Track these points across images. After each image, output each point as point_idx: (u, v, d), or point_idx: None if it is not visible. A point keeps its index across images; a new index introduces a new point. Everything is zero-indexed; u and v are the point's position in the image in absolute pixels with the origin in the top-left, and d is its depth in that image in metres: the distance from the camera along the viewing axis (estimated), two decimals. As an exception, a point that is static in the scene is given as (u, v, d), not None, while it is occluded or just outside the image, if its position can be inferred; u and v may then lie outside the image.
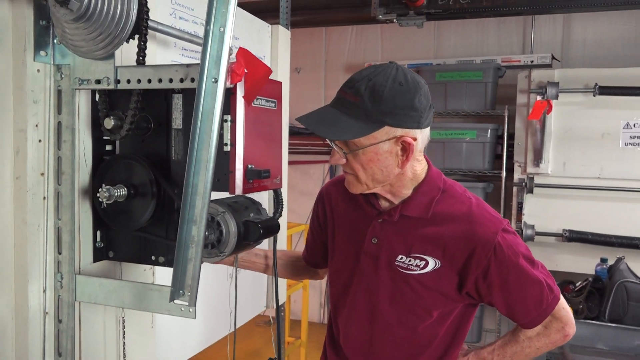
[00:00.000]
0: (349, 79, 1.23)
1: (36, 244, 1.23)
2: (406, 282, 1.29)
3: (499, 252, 1.23)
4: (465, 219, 1.26)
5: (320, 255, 1.59)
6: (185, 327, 1.91)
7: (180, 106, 1.28)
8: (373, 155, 1.21)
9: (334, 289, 1.46)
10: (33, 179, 1.22)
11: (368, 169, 1.23)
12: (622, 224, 3.52)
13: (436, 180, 1.31)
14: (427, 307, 1.30)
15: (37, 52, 1.20)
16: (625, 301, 2.44)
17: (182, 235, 1.11)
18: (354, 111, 1.19)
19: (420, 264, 1.27)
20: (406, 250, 1.29)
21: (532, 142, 3.72)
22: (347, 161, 1.25)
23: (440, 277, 1.27)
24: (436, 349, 1.35)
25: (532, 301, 1.27)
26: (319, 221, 1.54)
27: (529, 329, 1.32)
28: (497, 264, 1.23)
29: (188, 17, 1.83)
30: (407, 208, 1.29)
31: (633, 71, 3.56)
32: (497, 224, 1.26)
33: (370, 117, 1.18)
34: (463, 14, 3.08)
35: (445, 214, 1.28)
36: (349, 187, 1.30)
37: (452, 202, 1.29)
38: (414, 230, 1.29)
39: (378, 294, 1.33)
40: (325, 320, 5.25)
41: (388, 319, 1.33)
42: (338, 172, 5.10)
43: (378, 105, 1.17)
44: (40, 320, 1.25)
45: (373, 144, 1.20)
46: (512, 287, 1.25)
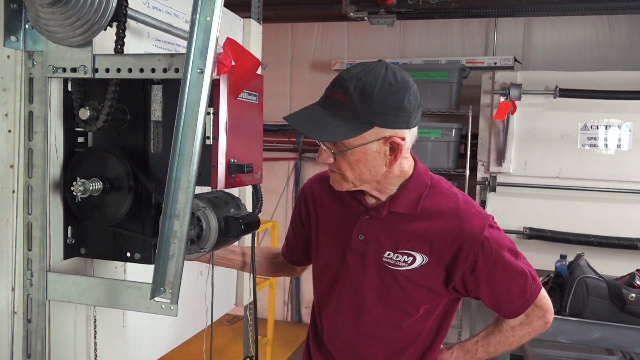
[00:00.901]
0: (338, 77, 1.21)
1: (5, 240, 1.17)
2: (394, 278, 1.29)
3: (486, 247, 1.24)
4: (452, 214, 1.27)
5: (301, 252, 1.57)
6: (155, 326, 1.86)
7: (160, 97, 1.24)
8: (361, 155, 1.20)
9: (318, 287, 1.45)
10: (2, 171, 1.15)
11: (356, 169, 1.22)
12: (580, 222, 3.65)
13: (423, 177, 1.31)
14: (414, 302, 1.30)
15: (7, 37, 1.14)
16: (585, 296, 2.52)
17: (164, 231, 1.08)
18: (343, 112, 1.17)
19: (408, 260, 1.27)
20: (394, 247, 1.29)
21: (495, 142, 3.81)
22: (335, 161, 1.24)
23: (428, 272, 1.27)
24: (421, 344, 1.35)
25: (517, 292, 1.29)
26: (301, 218, 1.52)
27: (512, 318, 1.34)
28: (484, 258, 1.24)
29: (162, 7, 1.78)
30: (396, 204, 1.29)
31: (591, 75, 3.69)
32: (484, 219, 1.28)
33: (360, 118, 1.16)
34: (432, 14, 3.12)
35: (432, 209, 1.28)
36: (335, 185, 1.28)
37: (439, 198, 1.30)
38: (401, 226, 1.29)
39: (365, 291, 1.32)
40: (288, 318, 5.23)
41: (374, 315, 1.33)
42: (303, 169, 5.09)
43: (368, 106, 1.16)
44: (8, 320, 1.18)
45: (362, 145, 1.19)
46: (498, 279, 1.27)
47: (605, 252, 3.53)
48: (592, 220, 3.65)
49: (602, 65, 4.19)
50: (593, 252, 3.41)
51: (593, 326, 2.49)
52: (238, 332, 4.60)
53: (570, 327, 2.53)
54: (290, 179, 5.13)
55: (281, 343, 4.60)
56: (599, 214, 3.66)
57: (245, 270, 1.60)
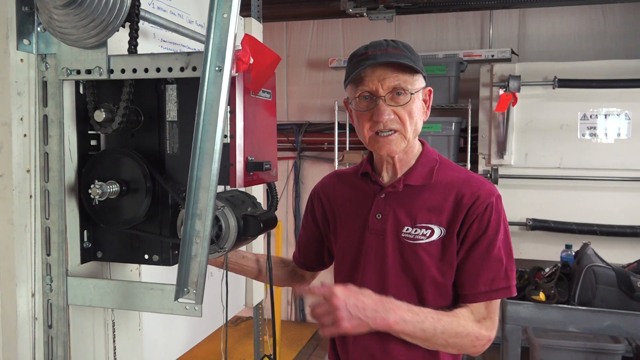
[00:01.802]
0: (372, 44, 1.31)
1: (23, 245, 1.15)
2: (414, 252, 1.31)
3: (487, 212, 1.28)
4: (465, 183, 1.32)
5: (314, 255, 1.57)
6: (169, 329, 1.85)
7: (175, 97, 1.23)
8: (417, 102, 1.31)
9: (340, 276, 1.44)
10: (19, 176, 1.14)
11: (413, 118, 1.30)
12: (582, 212, 3.67)
13: (432, 153, 1.39)
14: (434, 276, 1.31)
15: (20, 40, 1.13)
16: (594, 284, 2.53)
17: (187, 231, 1.07)
18: (404, 59, 1.27)
19: (426, 233, 1.30)
20: (411, 222, 1.32)
21: (495, 135, 3.82)
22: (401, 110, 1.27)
23: (445, 244, 1.30)
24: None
25: (486, 275, 1.27)
26: (315, 218, 1.53)
27: (467, 303, 1.29)
28: (480, 221, 1.27)
29: (166, 8, 1.77)
30: (410, 177, 1.34)
31: (589, 64, 3.71)
32: (494, 190, 1.33)
33: (415, 64, 1.28)
34: (430, 8, 3.12)
35: (445, 181, 1.33)
36: (394, 147, 1.30)
37: (450, 171, 1.37)
38: (417, 200, 1.33)
39: (387, 269, 1.33)
40: (292, 317, 5.22)
41: (399, 292, 1.32)
42: (302, 168, 5.08)
43: (414, 56, 1.30)
44: (29, 326, 1.17)
45: (419, 90, 1.30)
46: (477, 250, 1.28)
47: (609, 241, 3.55)
48: (595, 209, 3.67)
49: (597, 55, 4.21)
50: (597, 241, 3.42)
51: (603, 314, 2.50)
52: (243, 334, 4.60)
53: (580, 316, 2.54)
54: (290, 178, 5.12)
55: (287, 343, 4.60)
56: (601, 203, 3.69)
57: (260, 279, 1.58)
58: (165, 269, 1.35)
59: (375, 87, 1.27)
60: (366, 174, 1.41)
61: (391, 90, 1.27)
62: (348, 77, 1.32)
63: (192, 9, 1.92)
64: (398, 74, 1.26)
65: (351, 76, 1.30)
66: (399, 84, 1.26)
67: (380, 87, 1.26)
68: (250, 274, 1.58)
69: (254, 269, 1.57)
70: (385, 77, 1.26)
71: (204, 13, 1.99)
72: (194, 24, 1.94)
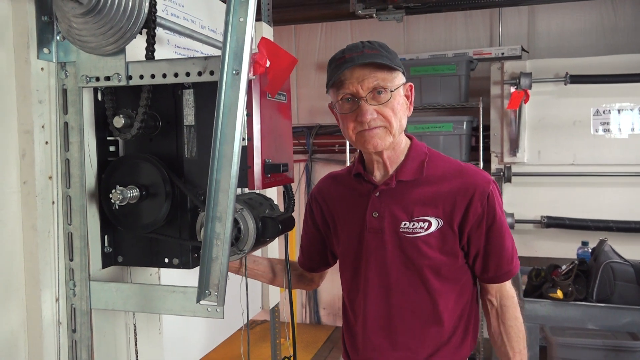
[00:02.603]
0: (348, 47, 1.33)
1: (47, 251, 1.17)
2: (413, 245, 1.34)
3: (490, 200, 1.32)
4: (457, 174, 1.35)
5: (318, 257, 1.59)
6: (188, 333, 1.86)
7: (192, 102, 1.25)
8: (399, 98, 1.32)
9: (345, 277, 1.47)
10: (41, 182, 1.16)
11: (397, 113, 1.31)
12: (597, 208, 3.64)
13: (421, 147, 1.42)
14: (435, 267, 1.34)
15: (40, 49, 1.15)
16: (612, 281, 2.51)
17: (207, 234, 1.08)
18: (381, 58, 1.29)
19: (424, 226, 1.33)
20: (408, 216, 1.34)
21: (507, 132, 3.80)
22: (383, 108, 1.29)
23: (444, 235, 1.33)
24: (455, 316, 1.38)
25: (505, 256, 1.36)
26: (315, 221, 1.55)
27: (491, 283, 1.40)
28: (487, 211, 1.32)
29: (179, 14, 1.79)
30: (402, 173, 1.37)
31: (601, 59, 3.68)
32: (488, 176, 1.37)
33: (393, 61, 1.30)
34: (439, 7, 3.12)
35: (437, 174, 1.36)
36: (379, 142, 1.31)
37: (441, 163, 1.40)
38: (411, 195, 1.35)
39: (389, 265, 1.36)
40: (307, 320, 5.22)
41: (402, 286, 1.36)
42: (314, 170, 5.09)
43: (390, 54, 1.32)
44: (54, 331, 1.19)
45: (399, 86, 1.32)
46: (494, 236, 1.34)
47: (625, 237, 3.51)
48: (610, 205, 3.63)
49: (608, 50, 4.17)
50: (613, 237, 3.38)
51: (622, 311, 2.48)
52: (259, 337, 4.61)
53: (598, 313, 2.51)
54: (302, 181, 5.13)
55: (303, 345, 4.60)
56: (616, 199, 3.65)
57: (274, 284, 1.59)
58: (183, 273, 1.36)
59: (356, 89, 1.29)
60: (359, 174, 1.43)
61: (371, 90, 1.29)
62: (329, 82, 1.34)
63: (204, 14, 1.94)
64: (376, 73, 1.28)
65: (331, 80, 1.32)
66: (378, 83, 1.28)
67: (360, 88, 1.28)
68: (264, 279, 1.59)
69: (267, 273, 1.58)
70: (364, 78, 1.28)
71: (216, 18, 2.01)
72: (206, 29, 1.96)
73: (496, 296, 1.41)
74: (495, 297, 1.41)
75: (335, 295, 5.13)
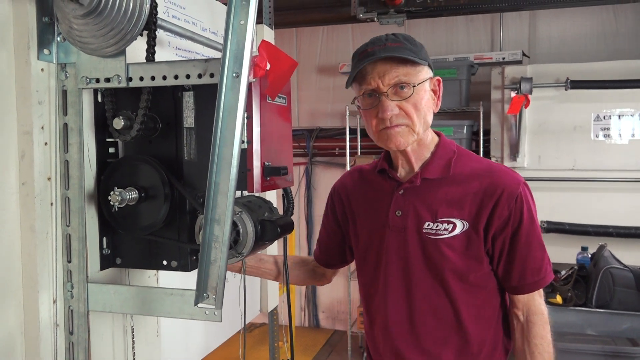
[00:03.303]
0: (372, 40, 1.29)
1: (45, 252, 1.17)
2: (436, 247, 1.28)
3: (518, 203, 1.25)
4: (486, 174, 1.29)
5: (335, 252, 1.56)
6: (186, 335, 1.86)
7: (192, 104, 1.25)
8: (423, 93, 1.27)
9: (363, 277, 1.43)
10: (40, 184, 1.15)
11: (421, 110, 1.26)
12: (597, 214, 3.63)
13: (450, 145, 1.36)
14: (458, 271, 1.28)
15: (41, 50, 1.14)
16: (612, 287, 2.51)
17: (206, 236, 1.08)
18: (404, 51, 1.24)
19: (448, 227, 1.28)
20: (432, 217, 1.29)
21: (508, 137, 3.80)
22: (405, 103, 1.25)
23: (469, 238, 1.27)
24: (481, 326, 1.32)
25: (531, 265, 1.28)
26: (336, 216, 1.52)
27: (515, 294, 1.31)
28: (514, 214, 1.25)
29: (180, 16, 1.79)
30: (428, 171, 1.32)
31: (601, 65, 3.68)
32: (519, 177, 1.29)
33: (418, 55, 1.25)
34: (440, 12, 3.12)
35: (465, 173, 1.30)
36: (401, 140, 1.27)
37: (469, 162, 1.33)
38: (437, 194, 1.30)
39: (410, 266, 1.31)
40: (306, 323, 5.21)
41: (424, 289, 1.31)
42: (314, 173, 5.08)
43: (416, 47, 1.27)
44: (51, 333, 1.18)
45: (423, 81, 1.27)
46: (519, 242, 1.26)
47: (625, 243, 3.51)
48: (610, 211, 3.63)
49: (609, 55, 4.18)
50: (613, 242, 3.38)
51: (621, 317, 2.48)
52: (257, 340, 4.60)
53: (597, 319, 2.51)
54: (302, 184, 5.13)
55: (301, 349, 4.59)
56: (616, 205, 3.64)
57: (279, 280, 1.58)
58: (181, 276, 1.36)
59: (377, 84, 1.25)
60: (383, 170, 1.39)
61: (393, 85, 1.24)
62: (350, 76, 1.31)
63: (205, 16, 1.94)
64: (398, 68, 1.24)
65: (352, 75, 1.29)
66: (400, 79, 1.24)
67: (381, 83, 1.25)
68: (269, 276, 1.58)
69: (272, 271, 1.57)
70: (385, 72, 1.24)
71: (217, 21, 2.01)
72: (208, 32, 1.96)
73: (523, 310, 1.32)
74: (521, 311, 1.32)
75: (334, 299, 5.13)
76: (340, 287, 5.00)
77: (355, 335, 4.59)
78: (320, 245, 1.61)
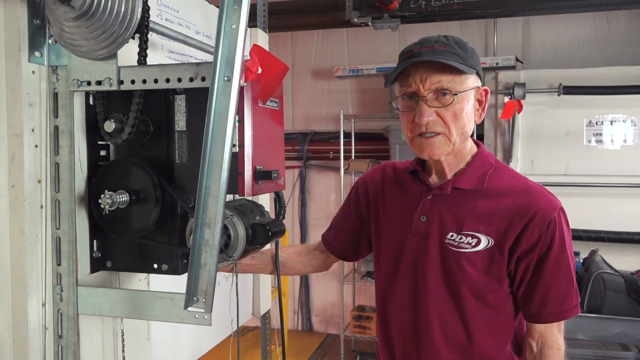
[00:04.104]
0: (421, 40, 1.24)
1: (34, 255, 1.16)
2: (456, 260, 1.23)
3: (551, 228, 1.18)
4: (522, 193, 1.22)
5: (343, 239, 1.53)
6: (177, 339, 1.85)
7: (184, 107, 1.24)
8: (465, 103, 1.22)
9: (379, 274, 1.40)
10: (30, 186, 1.15)
11: (460, 120, 1.21)
12: (589, 219, 3.65)
13: (488, 157, 1.31)
14: (474, 288, 1.23)
15: (32, 52, 1.14)
16: (603, 291, 2.52)
17: (196, 240, 1.07)
18: (451, 56, 1.19)
19: (472, 242, 1.22)
20: (457, 228, 1.24)
21: (501, 142, 3.82)
22: (444, 111, 1.21)
23: (492, 256, 1.22)
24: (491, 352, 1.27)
25: (554, 295, 1.22)
26: (359, 204, 1.48)
27: (532, 322, 1.26)
28: (544, 239, 1.18)
29: (174, 19, 1.79)
30: (460, 180, 1.27)
31: (594, 71, 3.71)
32: (556, 201, 1.23)
33: (466, 61, 1.20)
34: (434, 17, 3.14)
35: (499, 188, 1.24)
36: (436, 150, 1.23)
37: (506, 177, 1.27)
38: (465, 206, 1.25)
39: (427, 275, 1.27)
40: (299, 327, 5.21)
41: (437, 301, 1.26)
42: (308, 176, 5.08)
43: (467, 53, 1.21)
44: (40, 336, 1.17)
45: (467, 90, 1.21)
46: (545, 269, 1.20)
47: (617, 248, 3.53)
48: (602, 216, 3.65)
49: (602, 61, 4.22)
50: (605, 247, 3.40)
51: (612, 321, 2.49)
52: (250, 344, 4.59)
53: (589, 324, 2.52)
54: (296, 187, 5.13)
55: (294, 352, 4.58)
56: (608, 210, 3.67)
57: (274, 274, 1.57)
58: (173, 280, 1.35)
59: (417, 87, 1.21)
60: (415, 171, 1.35)
61: (434, 90, 1.20)
62: (392, 75, 1.25)
63: (199, 20, 1.94)
64: (442, 73, 1.19)
65: (394, 74, 1.24)
66: (442, 85, 1.19)
67: (421, 86, 1.20)
68: (265, 271, 1.55)
69: (268, 266, 1.54)
70: (427, 77, 1.19)
71: (211, 24, 2.01)
72: (201, 35, 1.96)
73: (538, 341, 1.26)
74: (536, 342, 1.26)
75: (327, 302, 5.12)
76: (334, 291, 5.00)
77: (348, 339, 4.59)
78: (333, 228, 1.56)
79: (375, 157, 4.57)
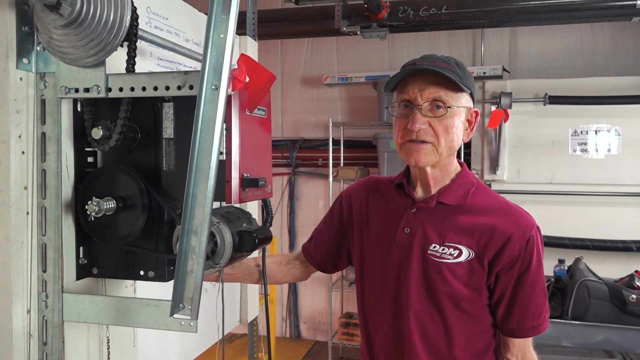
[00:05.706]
0: (424, 55, 1.30)
1: (20, 262, 1.16)
2: (438, 270, 1.27)
3: (529, 246, 1.24)
4: (503, 210, 1.29)
5: (323, 250, 1.54)
6: (163, 346, 1.84)
7: (172, 115, 1.25)
8: (456, 119, 1.27)
9: (361, 285, 1.42)
10: (16, 193, 1.15)
11: (449, 134, 1.26)
12: (574, 227, 3.70)
13: (471, 176, 1.36)
14: (455, 298, 1.27)
15: (20, 59, 1.14)
16: (587, 299, 2.55)
17: (182, 247, 1.08)
18: (450, 72, 1.24)
19: (454, 253, 1.27)
20: (440, 240, 1.29)
21: (488, 150, 3.86)
22: (436, 122, 1.25)
23: (472, 267, 1.26)
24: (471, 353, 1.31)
25: (532, 310, 1.27)
26: (341, 219, 1.50)
27: (512, 337, 1.30)
28: (524, 256, 1.24)
29: (163, 27, 1.80)
30: (444, 195, 1.31)
31: (579, 81, 3.77)
32: (533, 220, 1.29)
33: (462, 80, 1.25)
34: (422, 27, 3.17)
35: (481, 205, 1.30)
36: (423, 158, 1.27)
37: (487, 196, 1.33)
38: (449, 220, 1.29)
39: (409, 285, 1.30)
40: (287, 334, 5.20)
41: (420, 311, 1.30)
42: (297, 183, 5.09)
43: (464, 74, 1.27)
44: (24, 343, 1.17)
45: (460, 107, 1.27)
46: (525, 285, 1.26)
47: (601, 255, 3.57)
48: (587, 224, 3.70)
49: (587, 72, 4.28)
50: (589, 255, 3.44)
51: (596, 329, 2.51)
52: (237, 351, 4.57)
53: (573, 331, 2.55)
54: (285, 194, 5.14)
55: (282, 359, 4.57)
56: (593, 218, 3.71)
57: (260, 283, 1.57)
58: (160, 287, 1.35)
59: (415, 96, 1.25)
60: (401, 185, 1.39)
61: (430, 100, 1.25)
62: (392, 82, 1.30)
63: (188, 28, 1.95)
64: (439, 87, 1.24)
65: (394, 81, 1.28)
66: (440, 96, 1.24)
67: (419, 96, 1.25)
68: (249, 280, 1.56)
69: (253, 274, 1.54)
70: (425, 87, 1.25)
71: (200, 32, 2.02)
72: (190, 43, 1.97)
73: (517, 356, 1.32)
74: (515, 357, 1.32)
75: (315, 309, 5.12)
76: (322, 298, 5.00)
77: (336, 346, 4.58)
78: (314, 239, 1.58)
79: (363, 164, 4.60)
